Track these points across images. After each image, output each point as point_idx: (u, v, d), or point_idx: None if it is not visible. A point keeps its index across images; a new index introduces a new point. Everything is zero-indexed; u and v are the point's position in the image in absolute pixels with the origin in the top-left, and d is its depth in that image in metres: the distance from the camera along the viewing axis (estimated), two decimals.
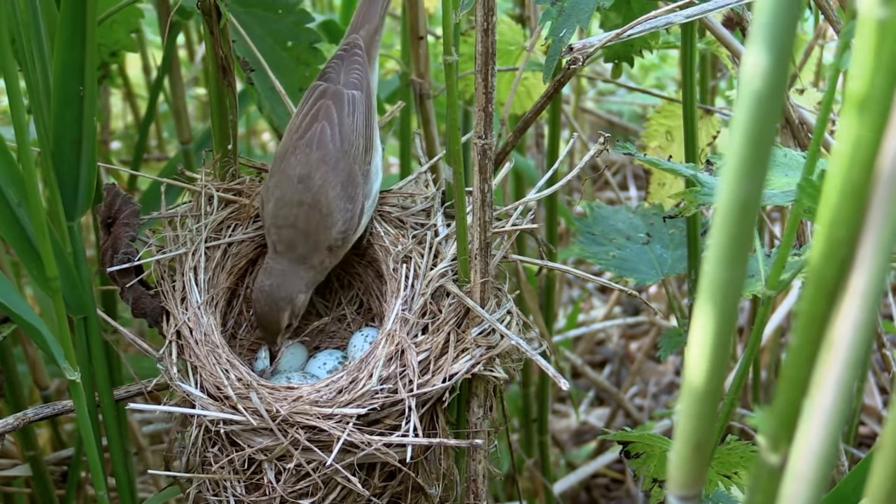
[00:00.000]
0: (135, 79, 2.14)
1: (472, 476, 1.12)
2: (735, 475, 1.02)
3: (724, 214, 0.48)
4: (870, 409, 2.04)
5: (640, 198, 2.59)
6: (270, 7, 1.25)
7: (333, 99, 1.12)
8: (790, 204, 0.91)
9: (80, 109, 1.04)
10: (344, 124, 1.11)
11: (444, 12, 0.97)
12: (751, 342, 0.89)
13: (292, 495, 1.03)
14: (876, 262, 0.47)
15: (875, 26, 0.43)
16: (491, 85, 0.96)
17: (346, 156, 1.11)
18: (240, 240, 1.20)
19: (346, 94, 1.12)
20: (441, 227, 1.15)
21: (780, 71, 0.45)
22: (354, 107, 1.12)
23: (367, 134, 1.12)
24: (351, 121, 1.11)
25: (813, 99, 1.42)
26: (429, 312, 1.08)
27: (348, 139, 1.11)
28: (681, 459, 0.55)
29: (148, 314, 1.14)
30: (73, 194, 1.09)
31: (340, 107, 1.11)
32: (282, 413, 1.01)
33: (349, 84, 1.13)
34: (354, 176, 1.11)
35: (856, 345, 0.48)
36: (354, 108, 1.12)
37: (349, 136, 1.11)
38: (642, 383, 2.40)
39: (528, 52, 1.41)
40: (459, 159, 1.02)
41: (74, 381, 1.06)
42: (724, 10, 1.10)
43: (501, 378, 1.08)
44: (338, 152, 1.10)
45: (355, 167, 1.11)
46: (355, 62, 1.14)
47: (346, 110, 1.11)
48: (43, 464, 1.45)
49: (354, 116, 1.12)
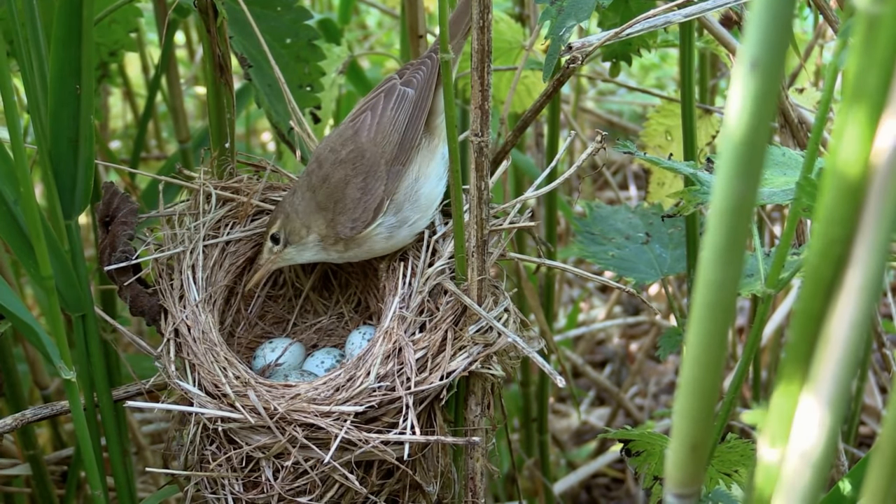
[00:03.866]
0: (134, 78, 2.14)
1: (470, 474, 1.12)
2: (735, 473, 1.02)
3: (720, 213, 0.48)
4: (870, 408, 2.04)
5: (640, 197, 2.59)
6: (269, 4, 1.25)
7: (387, 92, 1.14)
8: (789, 203, 0.91)
9: (78, 108, 1.04)
10: (384, 116, 1.12)
11: (440, 11, 0.97)
12: (750, 341, 0.88)
13: (290, 493, 1.03)
14: (872, 259, 0.47)
15: (869, 23, 0.43)
16: (487, 82, 0.96)
17: (374, 146, 1.11)
18: (238, 238, 1.20)
19: (398, 89, 1.13)
20: (438, 225, 1.15)
21: (774, 68, 0.45)
22: (401, 103, 1.12)
23: (406, 133, 1.12)
24: (391, 114, 1.12)
25: (812, 98, 1.42)
26: (426, 310, 1.08)
27: (384, 131, 1.11)
28: (678, 458, 0.55)
29: (146, 312, 1.14)
30: (71, 193, 1.08)
31: (388, 100, 1.13)
32: (280, 411, 1.01)
33: (407, 82, 1.14)
34: (376, 168, 1.10)
35: (852, 342, 0.48)
36: (400, 104, 1.12)
37: (385, 129, 1.11)
38: (642, 383, 2.40)
39: (527, 50, 1.41)
40: (456, 157, 1.02)
41: (70, 380, 1.05)
42: (722, 9, 1.09)
43: (499, 376, 1.08)
44: (369, 142, 1.11)
45: (381, 161, 1.11)
46: (423, 64, 1.15)
47: (392, 105, 1.12)
48: (43, 463, 1.45)
49: (397, 111, 1.12)
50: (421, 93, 1.12)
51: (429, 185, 1.13)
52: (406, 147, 1.11)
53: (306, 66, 1.28)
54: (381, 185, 1.10)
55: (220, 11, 1.10)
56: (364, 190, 1.10)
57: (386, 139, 1.11)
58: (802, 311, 0.50)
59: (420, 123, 1.12)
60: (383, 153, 1.11)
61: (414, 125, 1.11)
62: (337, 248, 1.13)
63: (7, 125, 0.92)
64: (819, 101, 1.37)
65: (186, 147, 1.61)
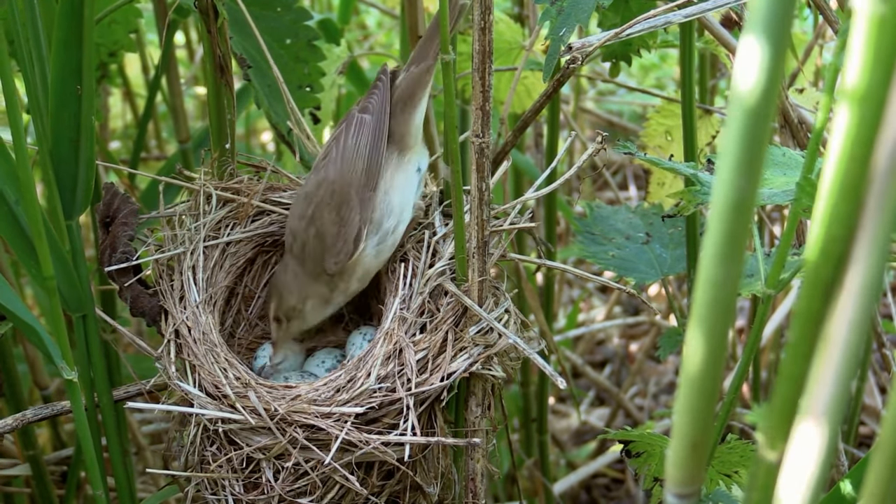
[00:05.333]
0: (134, 78, 2.14)
1: (470, 475, 1.12)
2: (735, 474, 1.02)
3: (720, 213, 0.48)
4: (870, 408, 2.04)
5: (640, 197, 2.59)
6: (269, 5, 1.25)
7: (346, 123, 1.14)
8: (789, 203, 0.91)
9: (79, 109, 1.04)
10: (347, 147, 1.12)
11: (441, 12, 0.97)
12: (750, 341, 0.88)
13: (291, 494, 1.03)
14: (872, 259, 0.47)
15: (870, 21, 0.43)
16: (488, 83, 0.96)
17: (341, 177, 1.11)
18: (238, 239, 1.20)
19: (356, 117, 1.14)
20: (439, 226, 1.15)
21: (775, 66, 0.45)
22: (360, 130, 1.13)
23: (371, 158, 1.12)
24: (353, 143, 1.12)
25: (812, 98, 1.42)
26: (427, 311, 1.08)
27: (348, 160, 1.12)
28: (678, 458, 0.55)
29: (146, 313, 1.14)
30: (72, 193, 1.09)
31: (348, 130, 1.13)
32: (280, 412, 1.01)
33: (363, 108, 1.15)
34: (348, 199, 1.11)
35: (852, 342, 0.48)
36: (360, 130, 1.13)
37: (349, 158, 1.12)
38: (642, 383, 2.40)
39: (527, 51, 1.41)
40: (457, 158, 1.02)
41: (71, 380, 1.06)
42: (722, 9, 1.09)
43: (499, 377, 1.08)
44: (336, 175, 1.12)
45: (351, 191, 1.11)
46: (376, 87, 1.15)
47: (352, 133, 1.13)
48: (43, 463, 1.45)
49: (357, 139, 1.12)
50: (378, 116, 1.13)
51: (398, 194, 1.13)
52: (373, 171, 1.12)
53: (306, 67, 1.28)
54: (356, 215, 1.11)
55: (220, 12, 1.11)
56: (340, 223, 1.11)
57: (351, 168, 1.12)
58: (802, 311, 0.50)
59: (382, 146, 1.12)
60: (351, 182, 1.11)
61: (377, 149, 1.12)
62: (337, 293, 1.15)
63: (9, 125, 0.92)
64: (819, 102, 1.37)
65: (186, 147, 1.61)
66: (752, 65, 0.45)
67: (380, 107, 1.14)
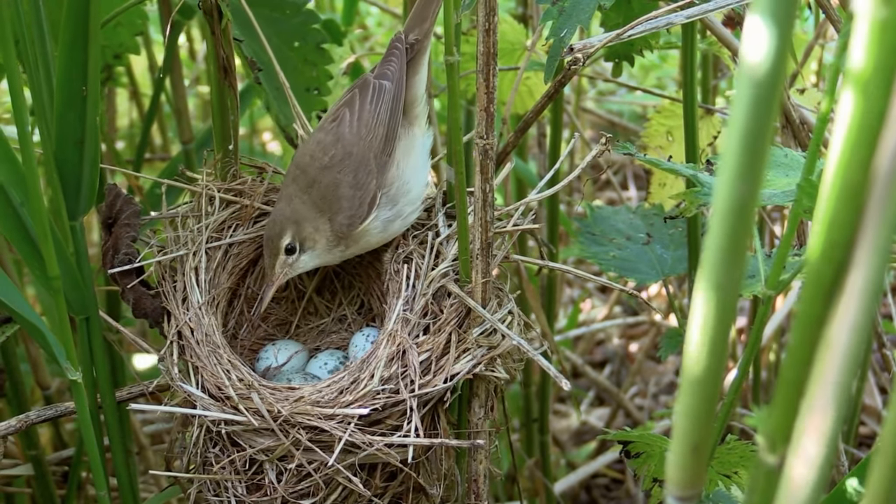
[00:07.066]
0: (140, 78, 2.14)
1: (473, 476, 1.12)
2: (735, 475, 1.02)
3: (722, 214, 0.48)
4: (870, 409, 2.04)
5: (641, 198, 2.59)
6: (277, 7, 1.25)
7: (361, 88, 1.14)
8: (790, 204, 0.91)
9: (84, 110, 1.05)
10: (365, 111, 1.12)
11: (445, 12, 0.97)
12: (751, 342, 0.89)
13: (294, 495, 1.03)
14: (873, 262, 0.47)
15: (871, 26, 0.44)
16: (493, 85, 0.96)
17: (360, 141, 1.11)
18: (241, 240, 1.20)
19: (373, 83, 1.13)
20: (442, 228, 1.15)
21: (779, 62, 0.45)
22: (380, 96, 1.13)
23: (390, 124, 1.12)
24: (372, 108, 1.12)
25: (813, 99, 1.42)
26: (430, 313, 1.08)
27: (367, 125, 1.12)
28: (679, 459, 0.55)
29: (149, 315, 1.15)
30: (76, 194, 1.09)
31: (364, 95, 1.13)
32: (283, 413, 1.01)
33: (381, 75, 1.14)
34: (367, 163, 1.11)
35: (853, 345, 0.48)
36: (379, 97, 1.13)
37: (368, 123, 1.12)
38: (642, 383, 2.40)
39: (529, 51, 1.41)
40: (461, 159, 1.02)
41: (76, 380, 1.06)
42: (724, 10, 1.10)
43: (503, 378, 1.08)
44: (353, 139, 1.11)
45: (370, 155, 1.11)
46: (393, 55, 1.15)
47: (370, 98, 1.13)
48: (44, 463, 1.45)
49: (377, 105, 1.12)
50: (397, 83, 1.13)
51: (416, 178, 1.14)
52: (391, 138, 1.12)
53: (314, 70, 1.28)
54: (373, 180, 1.11)
55: (224, 14, 1.11)
56: (356, 186, 1.11)
57: (371, 133, 1.12)
58: (803, 313, 0.50)
59: (400, 114, 1.13)
60: (370, 147, 1.11)
61: (395, 116, 1.13)
62: (339, 248, 1.14)
63: (16, 127, 0.92)
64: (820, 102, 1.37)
65: (189, 148, 1.61)
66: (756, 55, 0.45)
67: (399, 74, 1.13)
